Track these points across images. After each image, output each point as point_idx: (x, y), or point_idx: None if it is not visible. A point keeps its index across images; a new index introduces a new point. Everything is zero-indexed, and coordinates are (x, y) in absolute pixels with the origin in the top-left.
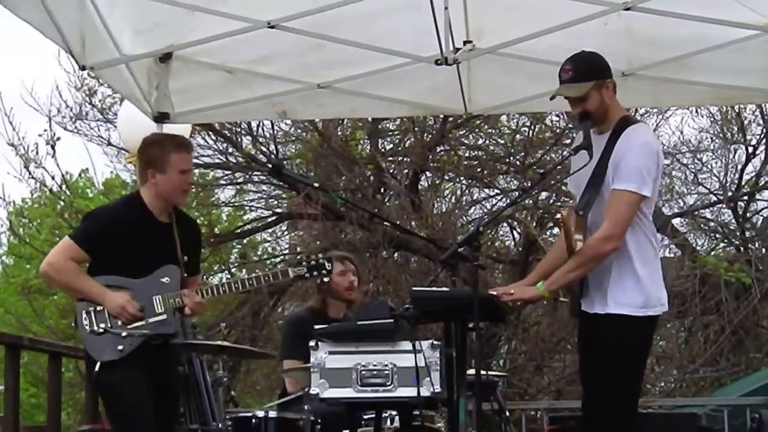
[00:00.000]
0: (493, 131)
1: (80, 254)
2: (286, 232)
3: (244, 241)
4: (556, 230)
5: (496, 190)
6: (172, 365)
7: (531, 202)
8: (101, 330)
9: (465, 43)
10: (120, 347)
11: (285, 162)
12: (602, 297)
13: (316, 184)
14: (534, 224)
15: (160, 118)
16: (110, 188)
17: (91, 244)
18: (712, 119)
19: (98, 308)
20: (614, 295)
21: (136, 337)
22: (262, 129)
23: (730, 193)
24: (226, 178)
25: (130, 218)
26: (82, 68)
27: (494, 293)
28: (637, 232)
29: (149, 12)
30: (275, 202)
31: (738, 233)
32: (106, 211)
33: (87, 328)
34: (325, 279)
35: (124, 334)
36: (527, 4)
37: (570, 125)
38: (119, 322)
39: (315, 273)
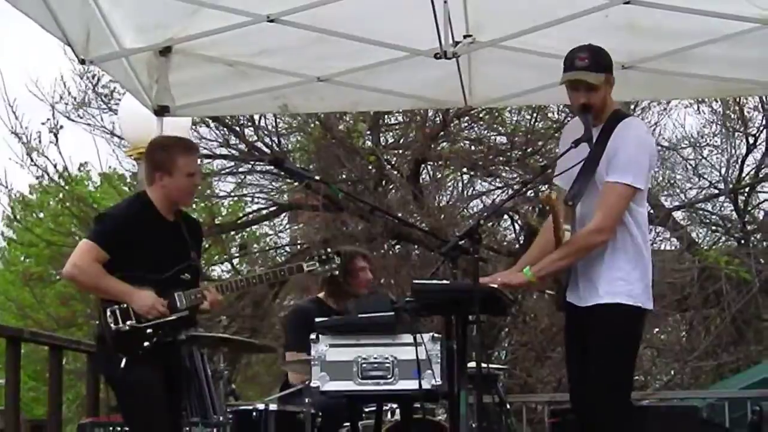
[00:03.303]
0: (494, 123)
1: (101, 254)
2: (287, 224)
3: (245, 232)
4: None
5: (498, 182)
6: (178, 361)
7: (532, 193)
8: (127, 327)
9: (465, 36)
10: (146, 343)
11: (287, 153)
12: (593, 289)
13: (317, 177)
14: (535, 216)
15: (161, 111)
16: (109, 180)
17: (110, 243)
18: (712, 111)
19: (122, 306)
20: (605, 286)
21: (161, 333)
22: (264, 121)
23: (730, 186)
24: (227, 168)
25: (141, 217)
26: (82, 62)
27: (494, 285)
28: (629, 225)
29: (149, 6)
30: (276, 195)
31: (739, 226)
32: (119, 210)
33: (112, 325)
34: (335, 272)
35: (149, 330)
36: None
37: (567, 115)
38: (143, 319)
39: (326, 267)
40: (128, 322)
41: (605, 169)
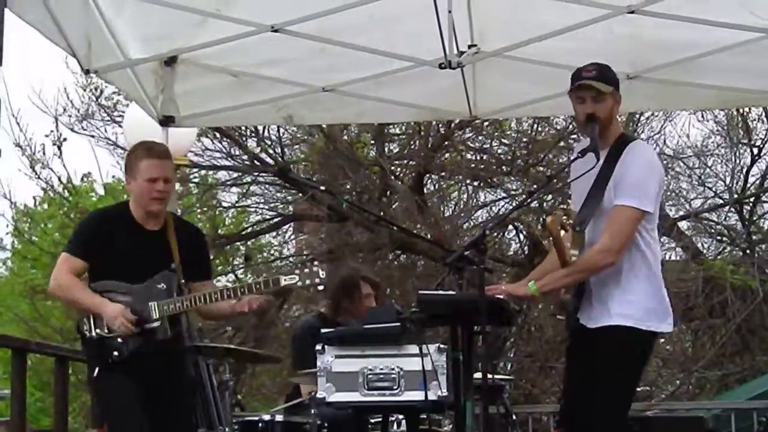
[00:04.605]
0: (497, 133)
1: (77, 263)
2: (291, 235)
3: (249, 243)
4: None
5: (502, 193)
6: (171, 370)
7: (537, 204)
8: (95, 335)
9: (470, 46)
10: (115, 353)
11: (291, 165)
12: (605, 310)
13: (322, 188)
14: (539, 226)
15: (166, 121)
16: (112, 191)
17: (83, 250)
18: (716, 122)
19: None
20: (617, 308)
21: (131, 344)
22: (268, 131)
23: (735, 196)
24: (231, 180)
25: (114, 223)
26: (86, 72)
27: (500, 296)
28: (642, 248)
29: (154, 16)
30: (281, 205)
31: (744, 236)
32: (92, 216)
33: (86, 333)
34: (319, 288)
35: (119, 340)
36: (531, 7)
37: (572, 125)
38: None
39: (308, 281)
40: (96, 331)
41: (613, 192)
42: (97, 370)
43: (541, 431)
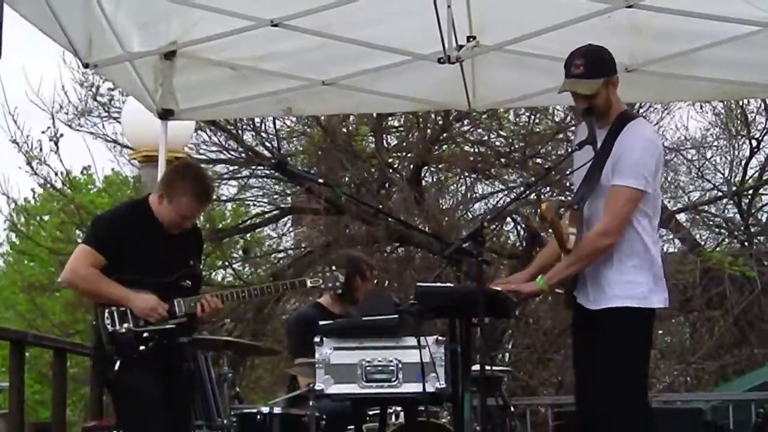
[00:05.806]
0: (495, 124)
1: (98, 259)
2: (290, 228)
3: (247, 236)
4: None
5: (500, 185)
6: (180, 361)
7: (535, 196)
8: (123, 330)
9: (468, 39)
10: (141, 347)
11: (289, 157)
12: (602, 292)
13: (320, 180)
14: (537, 219)
15: (165, 114)
16: (110, 185)
17: (107, 247)
18: (715, 114)
19: (120, 308)
20: (614, 289)
21: (156, 339)
22: (265, 125)
23: (734, 188)
24: (229, 173)
25: (135, 221)
26: (86, 66)
27: (499, 288)
28: (636, 228)
29: (153, 9)
30: (278, 198)
31: (742, 228)
32: (115, 213)
33: (109, 327)
34: (338, 291)
35: (145, 334)
36: (530, 0)
37: (571, 118)
38: (141, 322)
39: (330, 285)
40: (125, 325)
41: (611, 172)
42: (119, 363)
43: (539, 423)
